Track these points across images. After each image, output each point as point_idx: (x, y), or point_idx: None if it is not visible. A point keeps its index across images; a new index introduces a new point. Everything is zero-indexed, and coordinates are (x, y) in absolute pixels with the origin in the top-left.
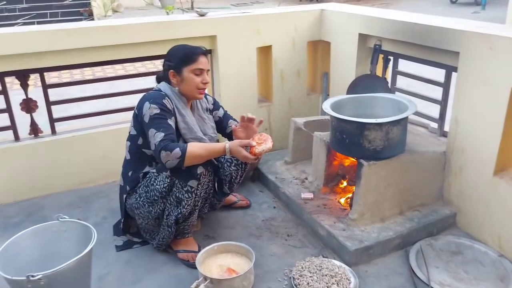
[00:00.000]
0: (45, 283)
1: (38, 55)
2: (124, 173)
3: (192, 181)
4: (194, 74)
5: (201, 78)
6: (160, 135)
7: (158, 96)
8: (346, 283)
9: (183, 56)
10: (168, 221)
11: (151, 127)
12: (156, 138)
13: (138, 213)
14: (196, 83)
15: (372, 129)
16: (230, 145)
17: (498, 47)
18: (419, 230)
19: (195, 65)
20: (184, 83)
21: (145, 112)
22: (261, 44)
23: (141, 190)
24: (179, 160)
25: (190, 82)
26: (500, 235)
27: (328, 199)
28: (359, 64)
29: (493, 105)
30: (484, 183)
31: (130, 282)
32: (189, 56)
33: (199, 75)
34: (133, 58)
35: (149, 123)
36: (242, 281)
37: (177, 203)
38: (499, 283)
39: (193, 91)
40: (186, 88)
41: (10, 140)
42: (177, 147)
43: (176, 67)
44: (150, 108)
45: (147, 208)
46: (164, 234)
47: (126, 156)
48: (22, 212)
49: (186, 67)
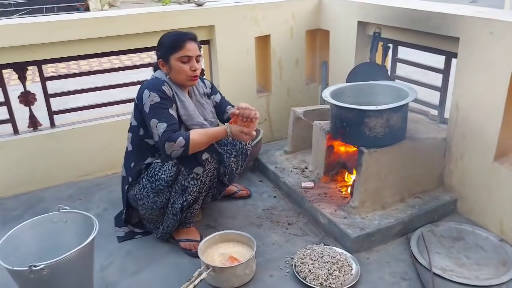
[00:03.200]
0: (48, 273)
1: (35, 47)
2: (126, 164)
3: (198, 167)
4: (181, 62)
5: (190, 65)
6: (162, 125)
7: (157, 82)
8: (348, 269)
9: (169, 44)
10: (174, 209)
11: (152, 117)
12: (159, 129)
13: (142, 203)
14: (185, 71)
15: (373, 116)
16: (232, 128)
17: (499, 32)
18: (420, 216)
19: (181, 52)
20: (173, 72)
21: (145, 101)
22: (259, 34)
23: (145, 181)
24: (183, 149)
25: (179, 70)
26: (502, 220)
27: (329, 187)
28: (359, 52)
29: (493, 90)
30: (485, 168)
31: (133, 272)
32: (174, 43)
33: (186, 62)
34: (130, 50)
35: (150, 112)
36: (244, 269)
37: (182, 191)
38: (501, 267)
39: (183, 79)
40: (176, 77)
41: (9, 133)
42: (180, 136)
43: (163, 55)
44: (150, 96)
45: (152, 199)
46: (169, 222)
47: (128, 147)
48: (23, 205)
49: (173, 55)
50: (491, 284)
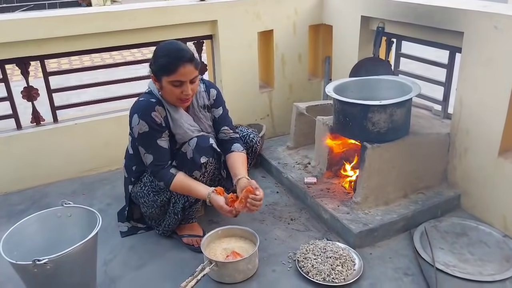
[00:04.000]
0: (51, 267)
1: (38, 42)
2: (128, 166)
3: (196, 172)
4: (172, 86)
5: (181, 89)
6: (149, 157)
7: (148, 107)
8: (350, 265)
9: (164, 64)
10: (175, 208)
11: (140, 144)
12: (145, 159)
13: (143, 201)
14: (176, 94)
15: (376, 111)
16: (212, 200)
17: (503, 26)
18: (424, 212)
19: (173, 77)
20: (164, 91)
21: (134, 126)
22: (262, 29)
23: (146, 180)
24: (165, 186)
25: (169, 93)
26: (506, 216)
27: (332, 183)
28: (362, 47)
29: (498, 85)
30: (489, 164)
31: (136, 267)
32: (167, 66)
33: (178, 86)
34: (133, 45)
35: (138, 139)
36: (247, 264)
37: None
38: (504, 263)
39: (173, 101)
40: (166, 97)
41: (12, 128)
42: (162, 180)
43: (156, 74)
44: (139, 124)
45: (152, 197)
46: (170, 221)
47: (129, 150)
48: (27, 200)
49: (164, 77)
50: (494, 279)
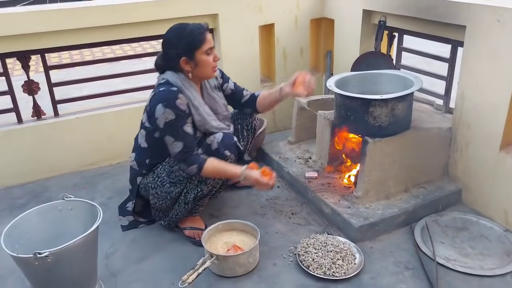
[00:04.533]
0: (52, 260)
1: (38, 35)
2: (140, 160)
3: None
4: (206, 55)
5: (212, 56)
6: (178, 145)
7: (171, 96)
8: (351, 259)
9: (191, 40)
10: (186, 198)
11: (167, 134)
12: (173, 148)
13: (154, 193)
14: (211, 63)
15: (377, 105)
16: (248, 175)
17: (506, 20)
18: (424, 206)
19: (205, 46)
20: (199, 67)
21: (158, 116)
22: (263, 22)
23: (160, 170)
24: (193, 174)
25: (206, 64)
26: (507, 211)
27: (333, 177)
28: (363, 42)
29: (500, 79)
30: (490, 158)
31: (137, 260)
32: (197, 38)
33: (210, 54)
34: (133, 38)
35: (164, 128)
36: (248, 257)
37: (199, 182)
38: (505, 257)
39: (208, 72)
40: (201, 71)
41: (13, 122)
42: (195, 163)
43: (187, 53)
44: (164, 113)
45: (168, 188)
46: (179, 211)
47: (142, 144)
48: (28, 193)
49: (198, 50)
50: (495, 273)
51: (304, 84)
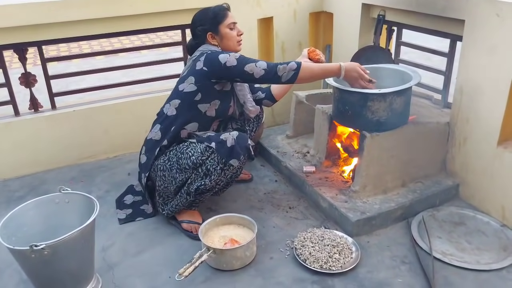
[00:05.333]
0: (49, 252)
1: (36, 27)
2: (165, 128)
3: (234, 160)
4: (229, 29)
5: (236, 30)
6: (262, 62)
7: (223, 51)
8: (348, 253)
9: (214, 15)
10: (189, 188)
11: (246, 63)
12: (260, 66)
13: (162, 175)
14: (234, 36)
15: (376, 100)
16: (347, 66)
17: (505, 14)
18: (422, 201)
19: (228, 20)
20: (225, 40)
21: (227, 59)
22: (262, 16)
23: (172, 155)
24: (294, 72)
25: (230, 37)
26: (504, 206)
27: (330, 172)
28: (362, 36)
29: (498, 74)
30: (488, 153)
31: (134, 253)
32: (219, 14)
33: (233, 29)
34: (132, 31)
35: (240, 63)
36: (245, 251)
37: (204, 175)
38: (502, 252)
39: (234, 45)
40: (227, 44)
41: (10, 115)
42: (291, 61)
43: (212, 27)
44: (231, 55)
45: (173, 174)
46: (180, 201)
47: (169, 113)
48: (25, 186)
49: (221, 24)
50: (491, 268)
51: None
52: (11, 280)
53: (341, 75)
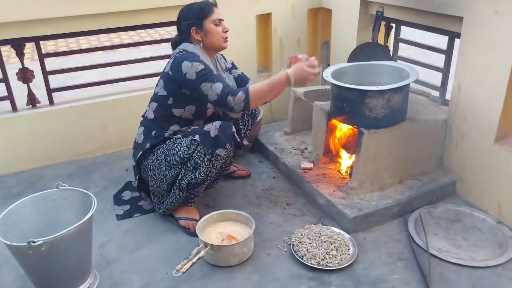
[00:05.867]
0: (46, 249)
1: (33, 23)
2: (147, 132)
3: (219, 149)
4: (214, 25)
5: (221, 27)
6: (218, 85)
7: (193, 55)
8: (345, 249)
9: (200, 10)
10: (180, 184)
11: (202, 81)
12: (215, 89)
13: (152, 174)
14: (219, 33)
15: (373, 96)
16: (293, 71)
17: (504, 11)
18: (419, 198)
19: (213, 16)
20: (209, 36)
21: (188, 71)
22: (261, 12)
23: (160, 153)
24: (245, 102)
25: (214, 33)
26: (500, 203)
27: (328, 168)
28: (361, 32)
29: (496, 71)
30: (485, 150)
31: (132, 249)
32: (205, 9)
33: (218, 25)
34: (130, 27)
35: (198, 79)
36: (242, 247)
37: (194, 168)
38: (497, 249)
39: (218, 41)
40: (211, 40)
41: (8, 110)
42: (239, 91)
43: (196, 23)
44: (193, 66)
45: (163, 172)
46: (174, 198)
47: (148, 116)
48: (23, 182)
49: (206, 20)
50: (487, 265)
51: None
52: (9, 276)
53: (291, 81)
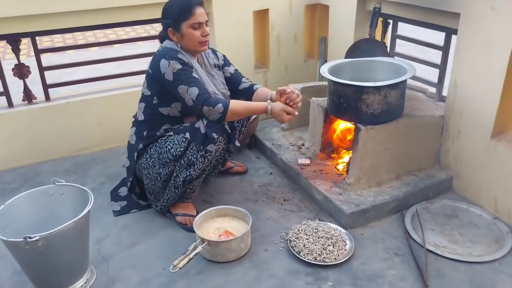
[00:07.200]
0: (43, 244)
1: (29, 18)
2: (138, 132)
3: (210, 145)
4: (192, 29)
5: (201, 31)
6: (194, 90)
7: (171, 52)
8: (342, 245)
9: (179, 11)
10: (176, 182)
11: (179, 83)
12: (190, 94)
13: (147, 173)
14: (197, 38)
15: (370, 93)
16: (273, 107)
17: (500, 7)
18: (415, 194)
19: (192, 19)
20: (185, 39)
21: (165, 70)
22: (258, 8)
23: (153, 151)
24: (221, 115)
25: (191, 37)
26: (496, 198)
27: (325, 164)
28: (358, 28)
29: (493, 67)
30: (482, 146)
31: (128, 245)
32: (184, 10)
33: (197, 28)
34: (126, 22)
35: (175, 80)
36: (239, 243)
37: (188, 165)
38: (494, 244)
39: (195, 45)
40: (188, 43)
41: (4, 106)
42: (219, 102)
43: (174, 24)
44: (170, 65)
45: (157, 170)
46: (170, 195)
47: (139, 117)
48: (19, 178)
49: (184, 23)
50: (483, 260)
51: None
52: (5, 271)
53: (268, 113)
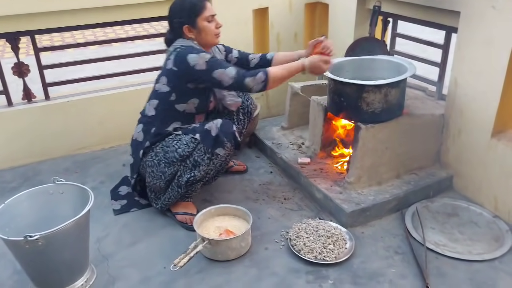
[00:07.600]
0: (43, 243)
1: (29, 16)
2: (146, 129)
3: (219, 149)
4: (207, 22)
5: (215, 23)
6: (231, 69)
7: (195, 47)
8: (342, 243)
9: (192, 7)
10: (179, 181)
11: (214, 69)
12: (229, 73)
13: (150, 171)
14: (213, 30)
15: (371, 91)
16: (310, 61)
17: (501, 6)
18: (416, 192)
19: (206, 13)
20: (203, 33)
21: (196, 62)
22: (257, 6)
23: (159, 149)
24: (264, 83)
25: (208, 30)
26: (497, 197)
27: (325, 163)
28: (358, 27)
29: (493, 66)
30: (482, 145)
31: (129, 244)
32: (196, 5)
33: (211, 21)
34: (125, 21)
35: (209, 67)
36: (240, 242)
37: (193, 166)
38: (493, 243)
39: (212, 38)
40: (205, 38)
41: (3, 105)
42: (259, 71)
43: (189, 20)
44: (200, 56)
45: (162, 168)
46: (172, 194)
47: (149, 113)
48: (19, 177)
49: (199, 17)
50: (483, 258)
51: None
52: (5, 270)
53: (305, 71)
